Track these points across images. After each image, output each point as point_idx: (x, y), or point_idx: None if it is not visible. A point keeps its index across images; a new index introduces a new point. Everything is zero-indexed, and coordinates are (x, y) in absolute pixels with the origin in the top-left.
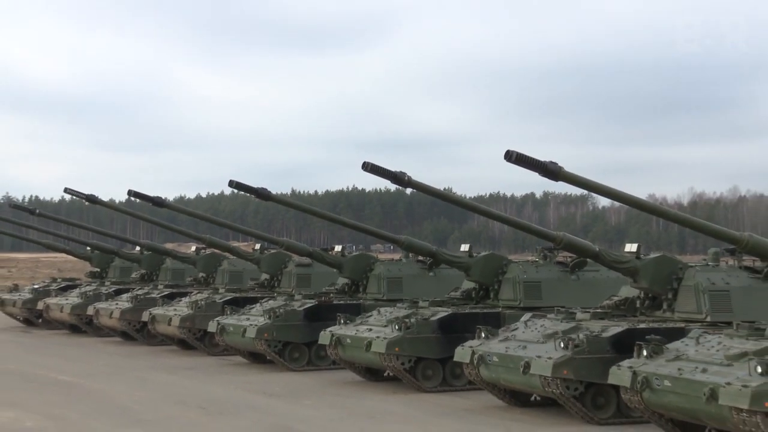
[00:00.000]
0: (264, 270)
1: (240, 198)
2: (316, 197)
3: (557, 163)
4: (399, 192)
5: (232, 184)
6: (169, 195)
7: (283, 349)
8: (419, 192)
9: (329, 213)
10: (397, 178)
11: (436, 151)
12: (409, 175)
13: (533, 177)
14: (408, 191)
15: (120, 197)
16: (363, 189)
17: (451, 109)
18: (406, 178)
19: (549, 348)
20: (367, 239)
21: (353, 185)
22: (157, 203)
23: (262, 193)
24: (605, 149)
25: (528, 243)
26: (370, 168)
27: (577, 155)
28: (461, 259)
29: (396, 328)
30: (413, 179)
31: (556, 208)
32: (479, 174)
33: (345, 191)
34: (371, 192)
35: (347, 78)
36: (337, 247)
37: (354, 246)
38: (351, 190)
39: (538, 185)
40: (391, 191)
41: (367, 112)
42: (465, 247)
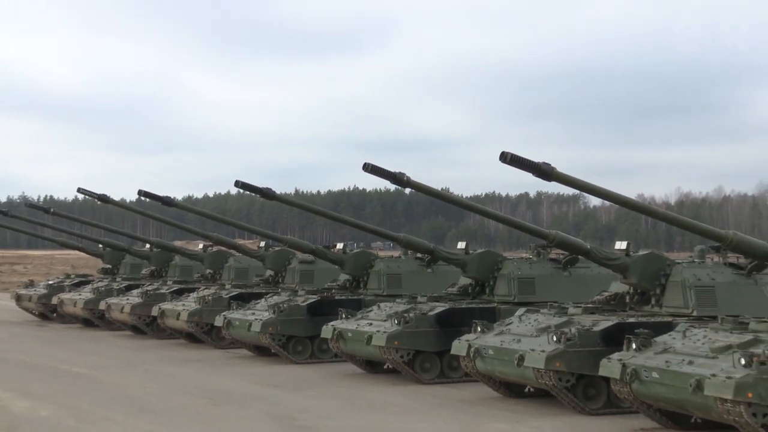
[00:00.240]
0: (269, 267)
1: (246, 197)
2: (318, 197)
3: (550, 164)
4: (398, 192)
5: (238, 184)
6: (178, 194)
7: (287, 343)
8: (418, 192)
9: (331, 212)
10: (397, 178)
11: (434, 153)
12: (408, 176)
13: (527, 177)
14: (407, 191)
15: (130, 197)
16: (364, 189)
17: (449, 112)
18: (405, 178)
19: (542, 341)
20: (368, 237)
21: (354, 185)
22: (166, 202)
23: (266, 193)
24: (596, 151)
25: (522, 241)
26: (370, 169)
27: (569, 157)
28: (458, 256)
29: (395, 322)
30: (412, 179)
31: (549, 207)
32: (475, 174)
33: (346, 191)
34: (371, 192)
35: (348, 82)
36: (339, 245)
37: (355, 243)
38: (352, 189)
39: (531, 185)
40: (391, 191)
41: (368, 114)
42: (462, 245)
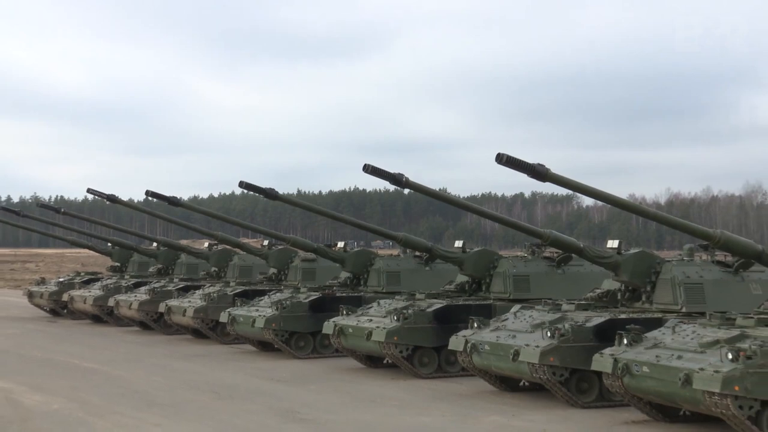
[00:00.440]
0: (272, 265)
1: (250, 198)
2: (320, 197)
3: (544, 166)
4: (397, 192)
5: (242, 184)
6: (184, 195)
7: (290, 338)
8: (416, 192)
9: (332, 212)
10: (396, 179)
11: (431, 154)
12: (407, 177)
13: (522, 178)
14: (406, 191)
15: (138, 197)
16: (364, 189)
17: (446, 116)
18: (404, 179)
19: (537, 337)
20: (368, 236)
21: (355, 186)
22: (173, 202)
23: (270, 193)
24: (589, 153)
25: (517, 239)
26: (370, 170)
27: (563, 158)
28: (455, 255)
29: (395, 318)
30: (410, 180)
31: (543, 207)
32: (472, 175)
33: (347, 191)
34: (371, 192)
35: (349, 86)
36: (340, 244)
37: (355, 242)
38: (353, 190)
39: (526, 186)
40: (390, 191)
41: (368, 117)
42: (459, 244)
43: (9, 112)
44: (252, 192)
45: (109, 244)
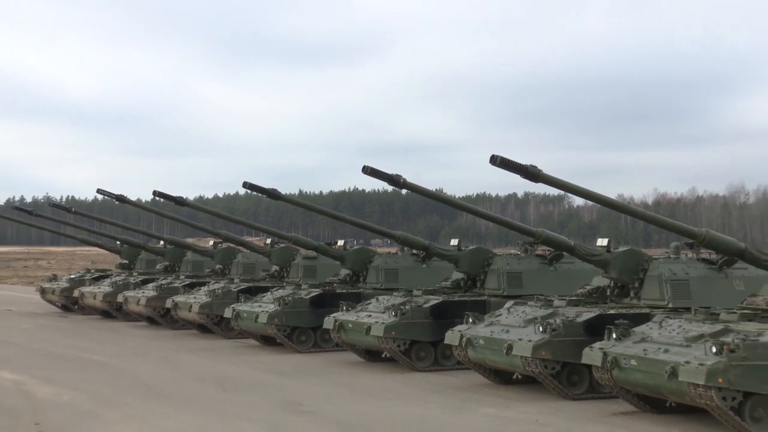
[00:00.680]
0: (274, 262)
1: (253, 198)
2: (321, 197)
3: (537, 167)
4: (395, 192)
5: (245, 185)
6: (190, 195)
7: (292, 333)
8: (413, 192)
9: (333, 211)
10: (394, 180)
11: (428, 156)
12: (404, 178)
13: (515, 179)
14: (403, 192)
15: (146, 197)
16: (363, 190)
17: (441, 118)
18: (401, 180)
19: (529, 332)
20: (367, 235)
21: (354, 186)
22: (179, 202)
23: (272, 194)
24: (579, 154)
25: (511, 238)
26: (369, 171)
27: (554, 160)
28: (451, 253)
29: (392, 314)
30: (408, 181)
31: (536, 206)
32: (467, 176)
33: (347, 192)
34: (370, 192)
35: (349, 90)
36: (340, 242)
37: (355, 241)
38: (352, 190)
39: (519, 186)
40: (389, 192)
41: (366, 120)
42: (454, 242)
43: (23, 116)
44: (255, 192)
45: (118, 242)
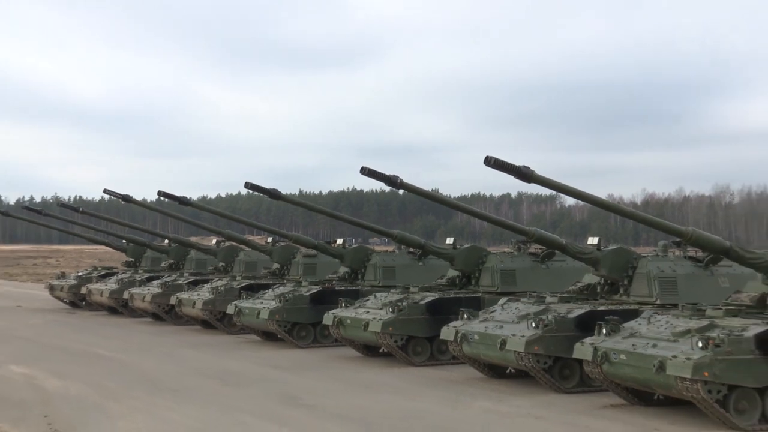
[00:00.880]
0: (275, 260)
1: (255, 197)
2: (320, 197)
3: (530, 168)
4: (392, 193)
5: (247, 185)
6: (193, 195)
7: (292, 329)
8: (410, 192)
9: (332, 211)
10: (391, 180)
11: (424, 157)
12: (401, 178)
13: (509, 179)
14: (400, 192)
15: (151, 197)
16: (361, 190)
17: (437, 120)
18: (398, 180)
19: (522, 327)
20: (365, 233)
21: (353, 186)
22: (183, 202)
23: (273, 194)
24: (571, 156)
25: (505, 237)
26: (367, 172)
27: (547, 161)
28: (447, 251)
29: (390, 310)
30: (405, 182)
31: (528, 206)
32: (462, 176)
33: (345, 192)
34: (368, 192)
35: (347, 93)
36: (339, 241)
37: (353, 239)
38: (351, 190)
39: (513, 186)
40: (386, 192)
41: (364, 122)
42: (450, 241)
43: (32, 119)
44: (257, 192)
45: (124, 241)
